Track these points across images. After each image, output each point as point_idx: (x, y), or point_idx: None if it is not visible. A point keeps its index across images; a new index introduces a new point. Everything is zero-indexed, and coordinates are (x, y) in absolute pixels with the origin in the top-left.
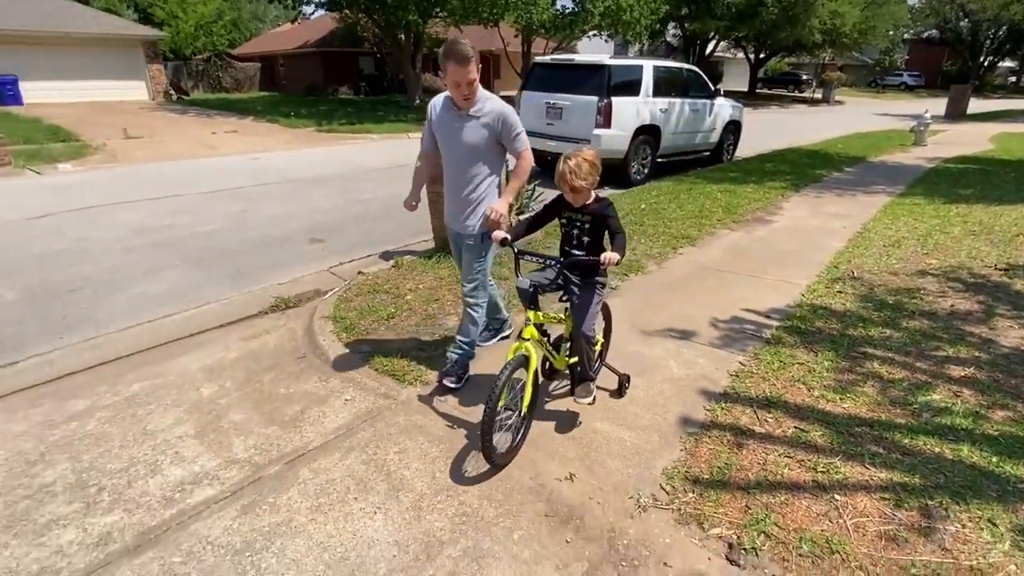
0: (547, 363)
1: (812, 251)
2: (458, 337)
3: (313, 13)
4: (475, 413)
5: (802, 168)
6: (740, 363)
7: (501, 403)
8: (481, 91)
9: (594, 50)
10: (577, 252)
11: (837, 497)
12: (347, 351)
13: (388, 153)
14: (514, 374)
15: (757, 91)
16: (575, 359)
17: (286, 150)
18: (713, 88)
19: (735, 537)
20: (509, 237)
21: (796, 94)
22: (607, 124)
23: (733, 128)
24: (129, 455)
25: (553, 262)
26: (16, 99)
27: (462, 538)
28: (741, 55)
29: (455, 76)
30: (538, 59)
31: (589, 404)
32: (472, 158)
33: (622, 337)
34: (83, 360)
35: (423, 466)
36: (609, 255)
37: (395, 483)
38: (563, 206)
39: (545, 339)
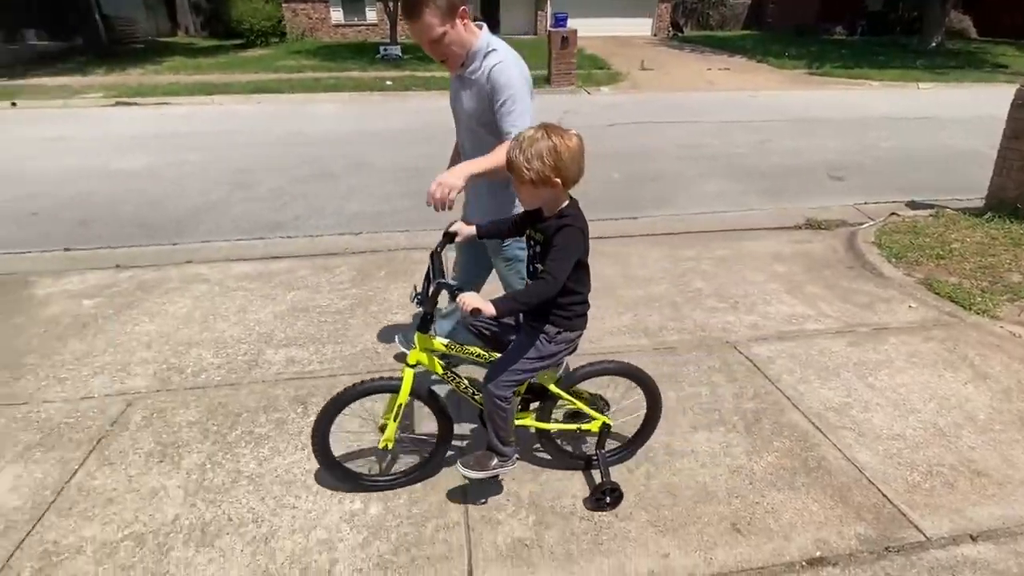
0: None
1: None
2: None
3: None
4: None
5: None
6: None
7: (391, 422)
8: (480, 41)
9: None
10: (527, 279)
11: None
12: (898, 272)
13: (890, 103)
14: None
15: None
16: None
17: (778, 90)
18: None
19: None
20: (473, 232)
21: None
22: None
23: None
24: (743, 288)
25: (434, 277)
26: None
27: None
28: None
29: (414, 35)
30: None
31: (472, 479)
32: (475, 134)
33: None
34: (675, 228)
35: (1006, 370)
36: (465, 296)
37: (980, 372)
38: (534, 218)
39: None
